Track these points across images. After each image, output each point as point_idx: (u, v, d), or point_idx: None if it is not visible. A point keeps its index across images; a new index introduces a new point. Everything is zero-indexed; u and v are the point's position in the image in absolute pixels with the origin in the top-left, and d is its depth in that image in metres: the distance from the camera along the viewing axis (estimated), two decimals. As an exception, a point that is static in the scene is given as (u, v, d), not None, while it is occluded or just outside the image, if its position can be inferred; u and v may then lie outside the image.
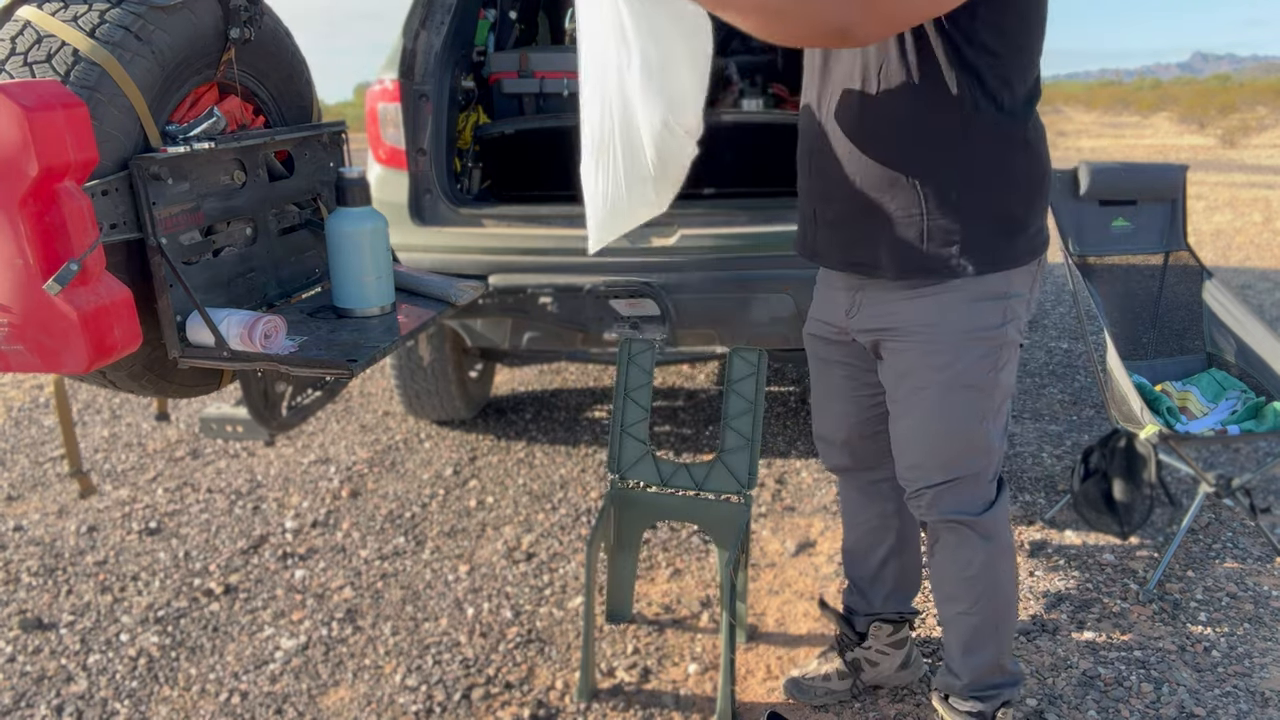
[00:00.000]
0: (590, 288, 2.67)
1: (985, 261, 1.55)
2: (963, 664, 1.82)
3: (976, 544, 1.71)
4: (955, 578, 1.76)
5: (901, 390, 1.67)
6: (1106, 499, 2.72)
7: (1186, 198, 2.99)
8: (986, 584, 1.75)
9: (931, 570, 1.81)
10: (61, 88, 1.29)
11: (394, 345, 1.65)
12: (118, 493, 3.24)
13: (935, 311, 1.58)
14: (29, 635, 2.42)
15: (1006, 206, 1.55)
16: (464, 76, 3.21)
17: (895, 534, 1.98)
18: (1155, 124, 25.53)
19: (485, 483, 3.24)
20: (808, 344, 1.92)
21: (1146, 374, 2.86)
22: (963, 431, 1.64)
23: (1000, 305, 1.58)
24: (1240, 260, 6.63)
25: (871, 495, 1.97)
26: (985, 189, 1.53)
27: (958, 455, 1.66)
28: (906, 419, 1.68)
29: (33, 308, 1.29)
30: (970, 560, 1.73)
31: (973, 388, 1.61)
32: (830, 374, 1.88)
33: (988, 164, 1.51)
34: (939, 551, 1.77)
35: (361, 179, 1.78)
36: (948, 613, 1.82)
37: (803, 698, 2.06)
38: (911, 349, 1.62)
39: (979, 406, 1.62)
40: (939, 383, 1.61)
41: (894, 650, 2.05)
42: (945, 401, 1.62)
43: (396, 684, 2.19)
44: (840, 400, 1.88)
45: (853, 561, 2.06)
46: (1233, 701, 2.03)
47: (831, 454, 1.97)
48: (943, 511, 1.70)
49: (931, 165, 1.52)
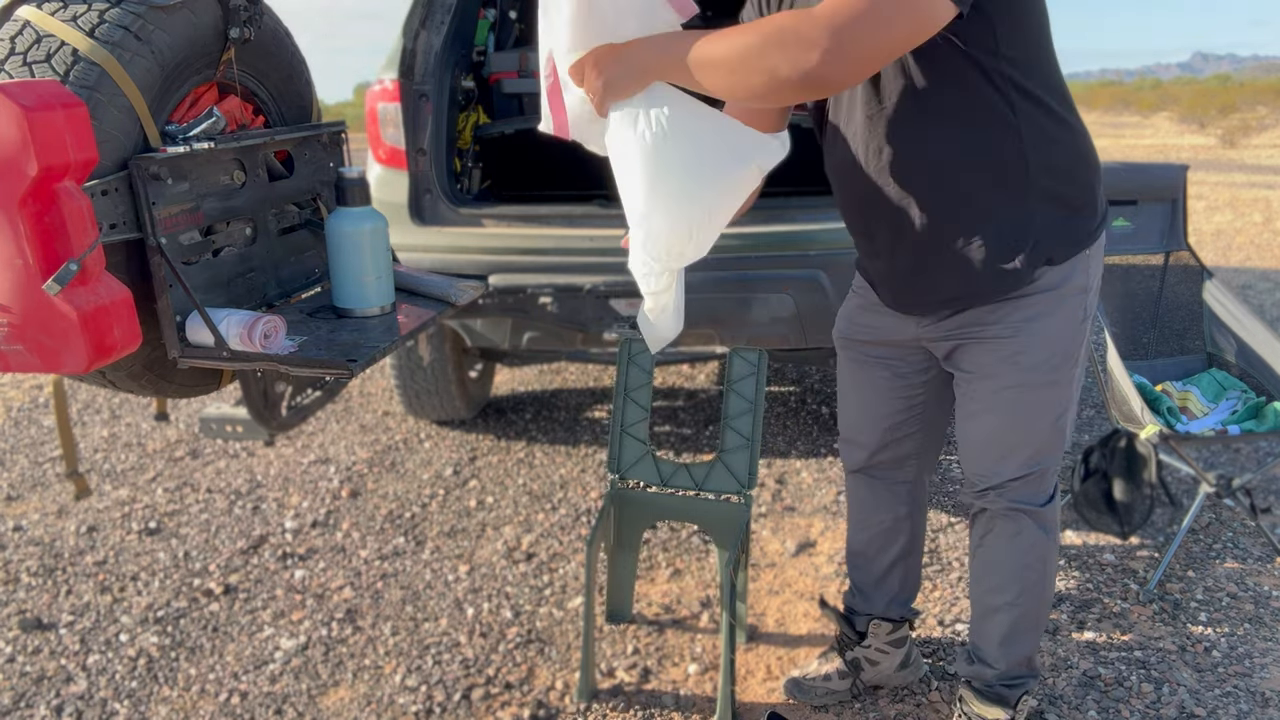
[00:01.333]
0: (590, 288, 2.67)
1: (1068, 248, 1.55)
2: (999, 654, 1.82)
3: (1035, 534, 1.72)
4: (1009, 566, 1.76)
5: (982, 389, 1.66)
6: (1107, 499, 2.72)
7: (1187, 198, 2.98)
8: (1037, 576, 1.76)
9: (979, 560, 1.81)
10: (61, 88, 1.29)
11: (394, 345, 1.65)
12: (117, 493, 3.24)
13: (1024, 315, 1.58)
14: (29, 635, 2.42)
15: (1073, 191, 1.55)
16: (464, 76, 3.21)
17: (906, 537, 1.97)
18: (1155, 124, 25.54)
19: (485, 483, 3.24)
20: (843, 345, 1.90)
21: (1147, 374, 2.86)
22: (1045, 427, 1.65)
23: (1082, 300, 1.60)
24: (1240, 260, 6.63)
25: (888, 497, 1.95)
26: (1050, 184, 1.52)
27: (1038, 450, 1.66)
28: (987, 416, 1.66)
29: (32, 308, 1.29)
30: (1027, 550, 1.74)
31: (1056, 384, 1.62)
32: (869, 373, 1.86)
33: (1045, 160, 1.50)
34: (993, 541, 1.76)
35: (361, 179, 1.78)
36: (991, 602, 1.80)
37: (803, 698, 2.06)
38: (996, 350, 1.62)
39: (1060, 402, 1.64)
40: (1025, 382, 1.61)
41: (893, 649, 2.04)
42: (1030, 399, 1.62)
43: (396, 684, 2.19)
44: (878, 399, 1.86)
45: (859, 564, 2.04)
46: (1233, 702, 2.03)
47: (856, 454, 1.95)
48: (1011, 500, 1.70)
49: (997, 182, 1.51)
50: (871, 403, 1.88)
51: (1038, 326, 1.58)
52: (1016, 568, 1.76)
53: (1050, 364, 1.60)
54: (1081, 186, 1.56)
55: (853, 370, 1.90)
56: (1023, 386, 1.61)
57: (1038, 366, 1.60)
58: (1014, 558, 1.75)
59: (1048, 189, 1.52)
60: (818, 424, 3.68)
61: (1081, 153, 1.56)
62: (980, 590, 1.84)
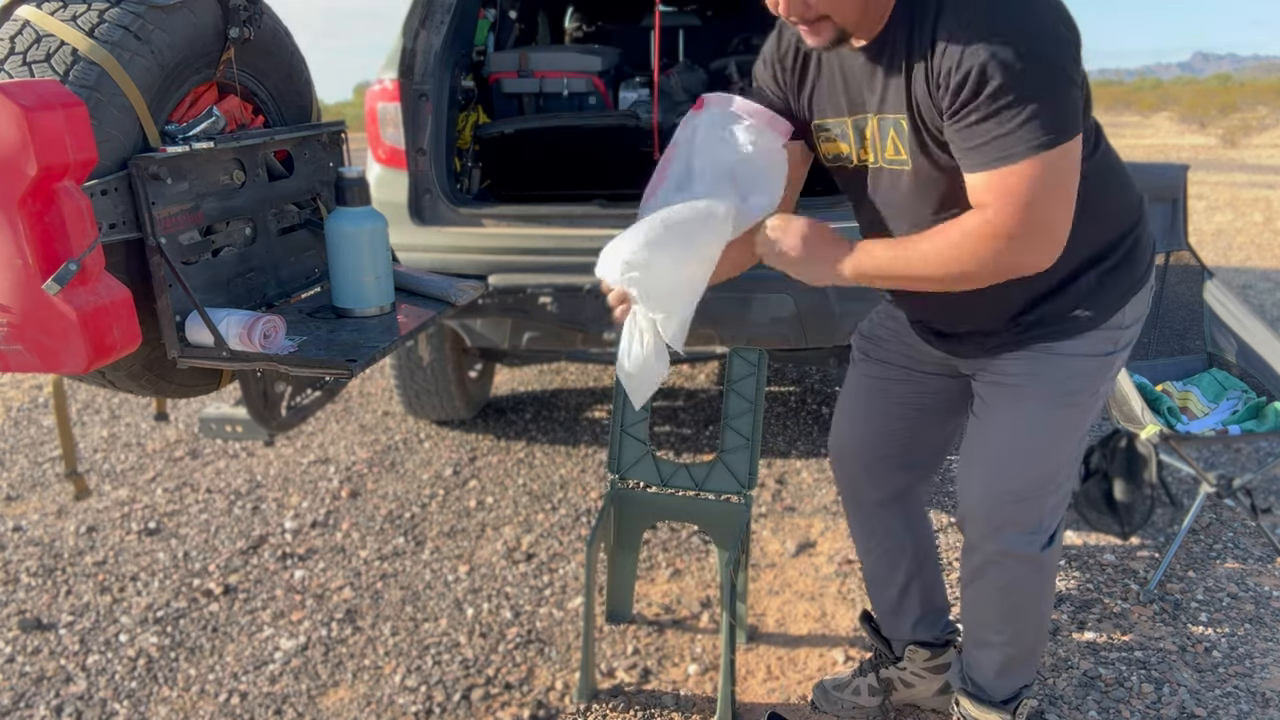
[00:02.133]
0: (590, 288, 2.67)
1: (1117, 302, 1.55)
2: (996, 685, 1.77)
3: (1031, 581, 1.66)
4: (1000, 609, 1.69)
5: (997, 399, 1.62)
6: (1107, 499, 2.72)
7: (1187, 197, 2.98)
8: (1033, 617, 1.71)
9: (971, 594, 1.73)
10: (61, 87, 1.29)
11: (394, 345, 1.64)
12: (117, 493, 3.24)
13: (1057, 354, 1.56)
14: (28, 636, 2.42)
15: (1112, 243, 1.54)
16: (464, 76, 3.21)
17: (910, 553, 1.89)
18: (1156, 124, 25.53)
19: (485, 483, 3.23)
20: (859, 344, 1.86)
21: (1147, 374, 2.86)
22: (1057, 447, 1.59)
23: (1116, 334, 1.57)
24: (1241, 260, 6.63)
25: (879, 514, 1.89)
26: (1096, 251, 1.52)
27: (1043, 474, 1.60)
28: (1000, 427, 1.61)
29: (32, 307, 1.29)
30: (1022, 596, 1.67)
31: (1074, 407, 1.58)
32: (882, 374, 1.81)
33: (1090, 232, 1.49)
34: (985, 585, 1.68)
35: (361, 179, 1.78)
36: (984, 636, 1.74)
37: (828, 708, 1.99)
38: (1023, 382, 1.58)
39: (1076, 424, 1.59)
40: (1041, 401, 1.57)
41: (932, 675, 1.94)
42: (1046, 415, 1.57)
43: (396, 684, 2.19)
44: (884, 405, 1.81)
45: (874, 591, 1.97)
46: (1233, 702, 2.03)
47: (845, 466, 1.89)
48: (1005, 543, 1.61)
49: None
50: (881, 406, 1.82)
51: (1065, 363, 1.56)
52: (1009, 613, 1.70)
53: (1070, 386, 1.57)
54: (1124, 235, 1.55)
55: (861, 376, 1.85)
56: (1043, 401, 1.57)
57: (1058, 387, 1.57)
58: (1007, 604, 1.68)
59: (1092, 256, 1.52)
60: (818, 424, 3.68)
61: (1122, 197, 1.55)
62: (970, 621, 1.77)
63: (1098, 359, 1.57)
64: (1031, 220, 1.32)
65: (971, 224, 1.36)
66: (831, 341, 2.84)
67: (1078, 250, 1.49)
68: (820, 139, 1.58)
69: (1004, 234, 1.34)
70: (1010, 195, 1.31)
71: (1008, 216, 1.32)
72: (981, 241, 1.35)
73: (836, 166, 1.61)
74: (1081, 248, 1.50)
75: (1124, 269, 1.56)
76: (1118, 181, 1.55)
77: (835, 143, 1.56)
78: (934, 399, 1.79)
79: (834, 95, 1.51)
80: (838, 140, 1.55)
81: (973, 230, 1.36)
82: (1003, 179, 1.31)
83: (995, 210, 1.33)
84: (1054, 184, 1.32)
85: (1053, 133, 1.28)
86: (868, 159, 1.52)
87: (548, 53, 3.66)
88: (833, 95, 1.52)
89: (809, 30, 1.39)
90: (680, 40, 4.88)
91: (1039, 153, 1.28)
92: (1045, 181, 1.30)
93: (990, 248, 1.35)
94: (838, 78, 1.49)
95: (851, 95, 1.48)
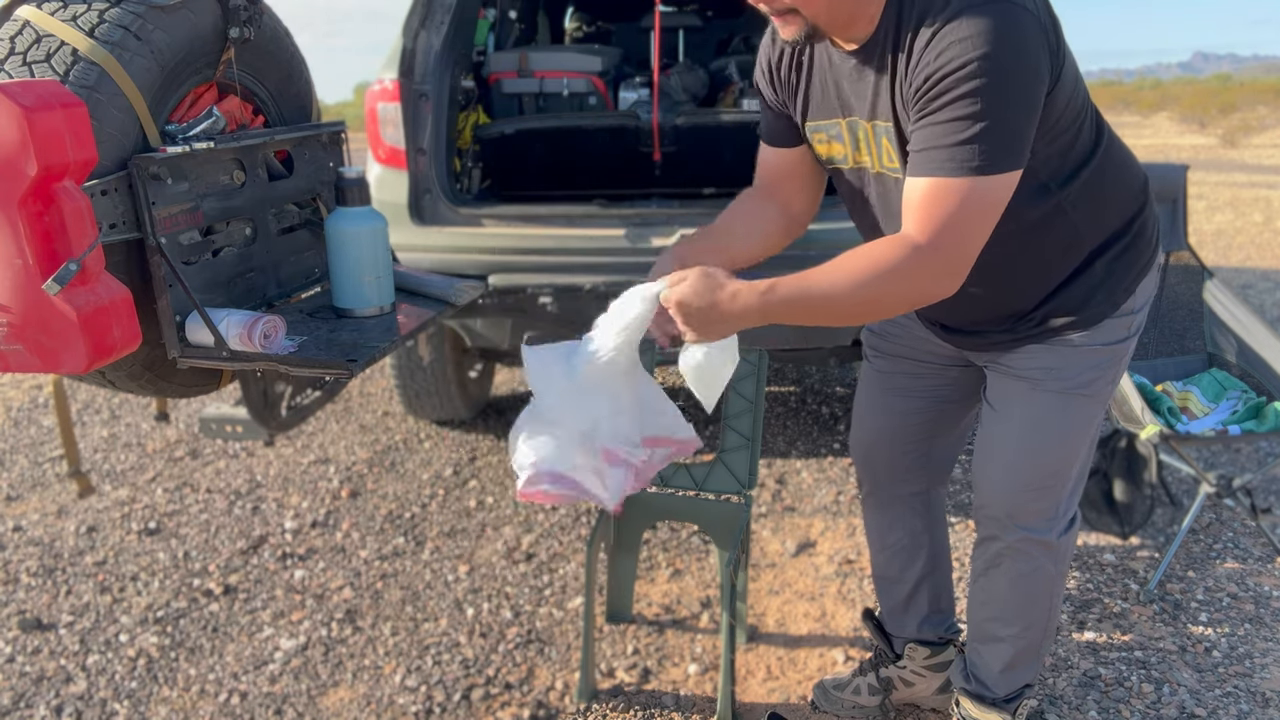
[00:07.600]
0: (590, 288, 2.67)
1: (1124, 288, 1.55)
2: (1000, 681, 1.78)
3: (1046, 570, 1.66)
4: (1014, 602, 1.70)
5: (1014, 391, 1.62)
6: (1107, 499, 2.72)
7: (1187, 197, 2.98)
8: (1044, 609, 1.71)
9: (981, 587, 1.74)
10: (61, 87, 1.29)
11: (394, 345, 1.64)
12: (117, 493, 3.24)
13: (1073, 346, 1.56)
14: (28, 635, 2.42)
15: (1118, 231, 1.54)
16: (464, 76, 3.21)
17: (926, 553, 1.90)
18: (1156, 123, 25.53)
19: (485, 483, 3.23)
20: (871, 341, 1.86)
21: (1147, 374, 2.86)
22: (1074, 436, 1.59)
23: (1128, 320, 1.58)
24: (1241, 260, 6.63)
25: (902, 514, 1.89)
26: (1105, 239, 1.52)
27: (1061, 462, 1.60)
28: (1017, 419, 1.61)
29: (32, 307, 1.29)
30: (1036, 586, 1.67)
31: (1092, 397, 1.58)
32: (895, 369, 1.82)
33: (1096, 224, 1.50)
34: (999, 576, 1.69)
35: (361, 179, 1.78)
36: (992, 631, 1.75)
37: (828, 707, 1.99)
38: (1040, 376, 1.59)
39: (1092, 414, 1.60)
40: (1063, 389, 1.58)
41: (931, 673, 1.95)
42: (1064, 405, 1.58)
43: (396, 684, 2.19)
44: (902, 398, 1.81)
45: (884, 587, 1.97)
46: (1233, 702, 2.03)
47: (870, 463, 1.89)
48: (1023, 531, 1.62)
49: (1052, 264, 1.51)
50: (899, 402, 1.82)
51: (1079, 354, 1.56)
52: (1023, 603, 1.70)
53: (1086, 377, 1.57)
54: (1131, 220, 1.55)
55: (875, 373, 1.85)
56: (1060, 392, 1.57)
57: (1073, 378, 1.57)
58: (1021, 593, 1.69)
59: (1101, 245, 1.52)
60: (818, 424, 3.68)
61: (1126, 183, 1.54)
62: (980, 616, 1.77)
63: (1112, 347, 1.57)
64: (947, 240, 1.29)
65: (887, 240, 1.34)
66: (832, 341, 2.84)
67: (1088, 241, 1.50)
68: (815, 142, 1.58)
69: (916, 244, 1.30)
70: (936, 207, 1.28)
71: (926, 227, 1.29)
72: (894, 247, 1.31)
73: (832, 170, 1.61)
74: (1091, 238, 1.50)
75: (1131, 253, 1.56)
76: (1123, 172, 1.55)
77: (829, 145, 1.56)
78: (950, 389, 1.80)
79: (826, 98, 1.51)
80: (832, 142, 1.55)
81: (887, 243, 1.33)
82: (935, 189, 1.28)
83: (916, 221, 1.30)
84: (980, 211, 1.29)
85: (997, 159, 1.26)
86: (864, 162, 1.52)
87: (548, 53, 3.66)
88: (825, 98, 1.51)
89: (780, 21, 1.39)
90: (680, 40, 4.88)
91: (977, 175, 1.26)
92: (973, 205, 1.27)
93: (900, 255, 1.30)
94: (829, 82, 1.49)
95: (843, 99, 1.48)
